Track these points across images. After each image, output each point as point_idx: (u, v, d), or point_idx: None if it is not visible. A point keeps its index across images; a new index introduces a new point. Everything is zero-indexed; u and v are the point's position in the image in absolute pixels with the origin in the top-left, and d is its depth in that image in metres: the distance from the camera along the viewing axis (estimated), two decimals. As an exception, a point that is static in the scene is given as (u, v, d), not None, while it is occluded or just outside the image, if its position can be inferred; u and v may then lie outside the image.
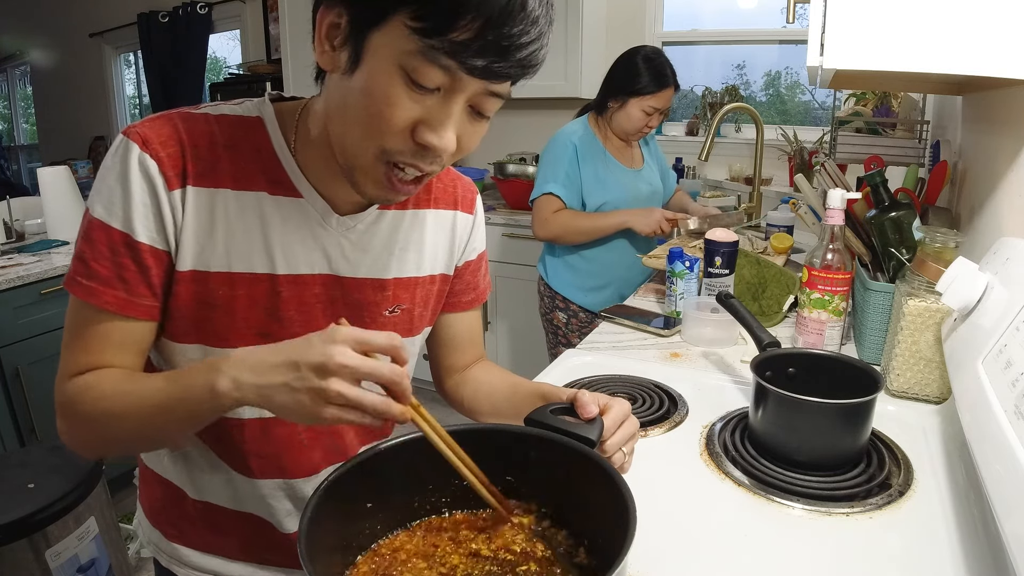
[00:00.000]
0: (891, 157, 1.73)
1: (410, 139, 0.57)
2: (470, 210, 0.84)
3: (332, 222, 0.70)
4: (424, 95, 0.55)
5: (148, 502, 0.84)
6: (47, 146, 5.71)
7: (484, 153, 3.50)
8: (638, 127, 1.88)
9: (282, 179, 0.67)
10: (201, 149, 0.64)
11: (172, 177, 0.62)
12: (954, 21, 0.72)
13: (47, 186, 2.43)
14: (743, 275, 1.48)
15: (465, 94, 0.56)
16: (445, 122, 0.56)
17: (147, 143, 0.61)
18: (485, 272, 0.90)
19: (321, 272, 0.71)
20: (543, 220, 1.89)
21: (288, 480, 0.76)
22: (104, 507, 1.62)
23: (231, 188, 0.65)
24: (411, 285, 0.78)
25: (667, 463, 0.87)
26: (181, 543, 0.81)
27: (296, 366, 0.50)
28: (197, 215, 0.64)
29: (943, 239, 0.97)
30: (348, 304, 0.74)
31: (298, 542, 0.45)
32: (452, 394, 0.91)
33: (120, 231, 0.62)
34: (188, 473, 0.77)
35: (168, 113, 0.65)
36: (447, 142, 0.57)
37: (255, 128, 0.67)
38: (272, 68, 3.96)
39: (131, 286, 0.63)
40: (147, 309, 0.65)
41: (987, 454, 0.62)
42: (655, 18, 3.14)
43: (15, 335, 2.08)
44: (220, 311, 0.66)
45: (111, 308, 0.63)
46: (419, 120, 0.56)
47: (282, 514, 0.78)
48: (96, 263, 0.62)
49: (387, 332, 0.53)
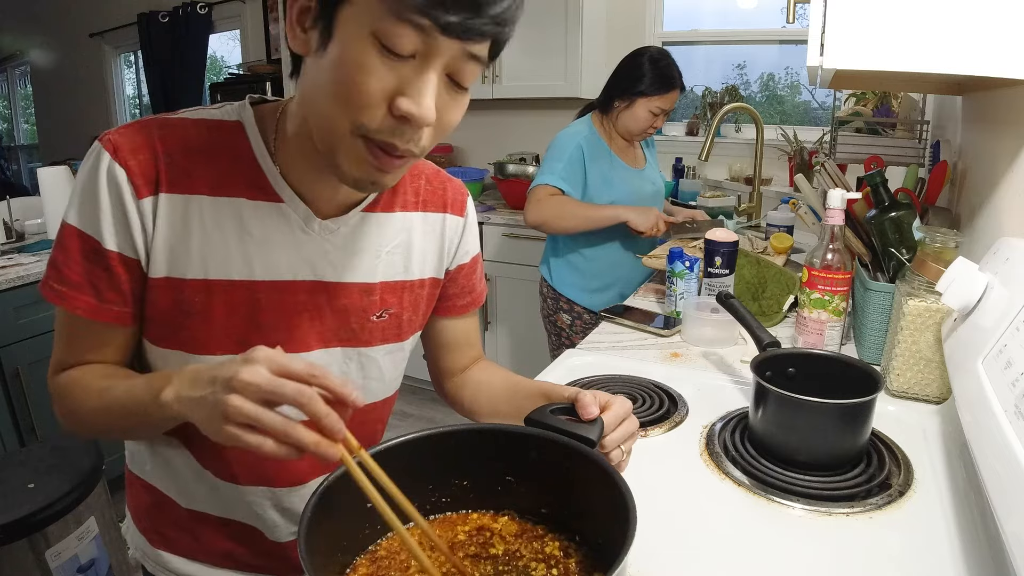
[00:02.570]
0: (891, 157, 1.73)
1: (387, 113, 0.54)
2: (460, 212, 0.82)
3: (315, 226, 0.69)
4: (399, 62, 0.53)
5: (134, 507, 0.84)
6: (47, 146, 5.70)
7: (484, 153, 3.51)
8: (644, 127, 1.88)
9: (262, 184, 0.66)
10: (176, 156, 0.63)
11: (141, 185, 0.62)
12: (954, 21, 0.72)
13: (47, 186, 2.43)
14: (743, 275, 1.48)
15: (442, 58, 0.53)
16: (423, 89, 0.53)
17: (117, 151, 0.62)
18: (480, 275, 0.89)
19: (305, 278, 0.70)
20: (536, 201, 1.84)
21: (273, 489, 0.76)
22: (104, 507, 1.62)
23: (207, 194, 0.65)
24: (399, 289, 0.77)
25: (667, 463, 0.86)
26: (166, 549, 0.80)
27: (214, 381, 0.49)
28: (170, 222, 0.64)
29: (943, 239, 0.97)
30: (334, 310, 0.72)
31: (298, 543, 0.45)
32: (452, 396, 0.90)
33: (90, 237, 0.62)
34: (174, 480, 0.77)
35: (145, 120, 0.65)
36: (426, 110, 0.54)
37: (234, 132, 0.66)
38: (272, 68, 3.96)
39: (101, 292, 0.64)
40: (117, 315, 0.65)
41: (987, 454, 0.62)
42: (655, 18, 3.14)
43: (15, 335, 2.08)
44: (197, 318, 0.66)
45: (81, 313, 0.64)
46: (395, 91, 0.53)
47: (270, 523, 0.77)
48: (68, 268, 0.63)
49: (309, 361, 0.50)
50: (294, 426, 0.47)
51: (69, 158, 4.34)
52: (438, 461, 0.59)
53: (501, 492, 0.61)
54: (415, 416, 3.01)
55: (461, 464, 0.60)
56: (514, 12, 0.53)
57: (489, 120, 3.44)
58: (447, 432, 0.59)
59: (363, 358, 0.77)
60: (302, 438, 0.47)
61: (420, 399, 3.06)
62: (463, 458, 0.59)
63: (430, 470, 0.59)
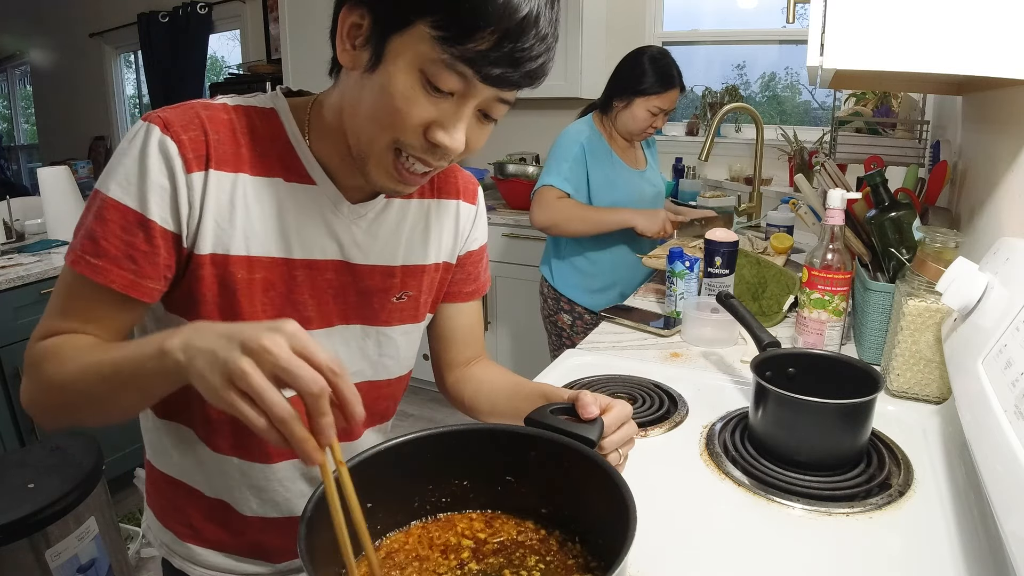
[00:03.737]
0: (891, 157, 1.73)
1: (422, 136, 0.61)
2: (472, 200, 0.86)
3: (344, 209, 0.72)
4: (440, 98, 0.59)
5: (157, 503, 0.84)
6: (47, 146, 5.71)
7: (484, 153, 3.50)
8: (643, 127, 1.88)
9: (296, 167, 0.70)
10: (222, 135, 0.66)
11: (192, 160, 0.63)
12: (954, 21, 0.72)
13: (47, 186, 2.43)
14: (743, 275, 1.48)
15: (477, 99, 0.60)
16: (457, 124, 0.60)
17: (168, 125, 0.63)
18: (486, 265, 0.92)
19: (333, 258, 0.73)
20: (544, 205, 1.84)
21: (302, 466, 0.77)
22: (104, 507, 1.62)
23: (249, 174, 0.67)
24: (418, 272, 0.80)
25: (667, 463, 0.87)
26: (195, 543, 0.81)
27: (230, 338, 0.47)
28: (217, 199, 0.65)
29: (943, 239, 0.97)
30: (358, 290, 0.75)
31: (298, 543, 0.45)
32: (453, 392, 0.91)
33: (135, 211, 0.62)
34: (200, 471, 0.77)
35: (189, 102, 0.67)
36: (457, 143, 0.61)
37: (270, 118, 0.69)
38: (272, 68, 3.96)
39: (140, 267, 0.63)
40: (150, 291, 0.65)
41: (987, 454, 0.62)
42: (655, 18, 3.14)
43: (15, 335, 2.08)
44: (240, 294, 0.68)
45: (117, 287, 0.63)
46: (433, 120, 0.60)
47: (299, 497, 0.78)
48: (106, 241, 0.62)
49: (334, 356, 0.48)
50: (294, 417, 0.45)
51: (69, 158, 4.36)
52: (438, 461, 0.59)
53: (501, 492, 0.61)
54: (415, 416, 3.01)
55: (461, 464, 0.60)
56: (547, 67, 0.60)
57: (489, 120, 3.45)
58: (447, 432, 0.59)
59: (381, 336, 0.79)
60: (295, 433, 0.45)
61: (420, 399, 3.06)
62: (463, 458, 0.59)
63: (430, 470, 0.59)
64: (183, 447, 0.77)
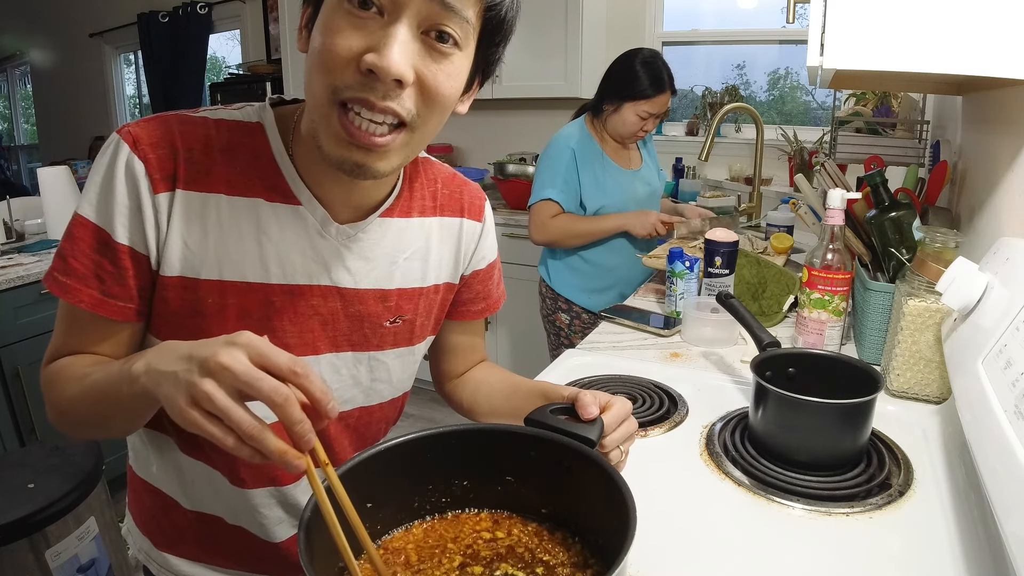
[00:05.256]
0: (891, 157, 1.73)
1: (356, 70, 0.55)
2: (478, 217, 0.82)
3: (332, 231, 0.68)
4: (365, 18, 0.54)
5: (138, 509, 0.83)
6: (47, 146, 5.71)
7: (484, 153, 3.51)
8: (633, 131, 1.88)
9: (280, 186, 0.66)
10: (196, 152, 0.63)
11: (159, 180, 0.61)
12: (954, 21, 0.72)
13: (47, 186, 2.43)
14: (743, 275, 1.48)
15: (409, 10, 0.54)
16: (387, 42, 0.53)
17: (137, 143, 0.61)
18: (498, 281, 0.88)
19: (319, 283, 0.69)
20: (541, 224, 1.90)
21: (279, 488, 0.75)
22: (104, 507, 1.62)
23: (225, 193, 0.64)
24: (415, 296, 0.76)
25: (667, 463, 0.86)
26: (171, 552, 0.80)
27: (190, 358, 0.46)
28: (186, 220, 0.63)
29: (943, 239, 0.97)
30: (349, 315, 0.72)
31: (298, 543, 0.45)
32: (452, 395, 0.91)
33: (101, 230, 0.61)
34: (180, 483, 0.76)
35: (165, 115, 0.64)
36: (389, 62, 0.53)
37: (254, 134, 0.66)
38: (272, 68, 3.96)
39: (107, 286, 0.62)
40: (120, 310, 0.64)
41: (987, 454, 0.62)
42: (655, 18, 3.14)
43: (15, 335, 2.08)
44: (210, 319, 0.65)
45: (84, 306, 0.63)
46: (364, 48, 0.54)
47: (273, 522, 0.77)
48: (74, 260, 0.62)
49: (293, 356, 0.47)
50: (262, 431, 0.44)
51: (69, 158, 4.36)
52: (438, 461, 0.59)
53: (501, 492, 0.61)
54: (415, 416, 3.01)
55: (461, 464, 0.60)
56: None
57: (489, 120, 3.45)
58: (447, 432, 0.59)
59: (373, 361, 0.76)
60: (268, 445, 0.44)
61: (420, 399, 3.06)
62: (463, 458, 0.59)
63: (430, 470, 0.59)
64: (163, 458, 0.76)
